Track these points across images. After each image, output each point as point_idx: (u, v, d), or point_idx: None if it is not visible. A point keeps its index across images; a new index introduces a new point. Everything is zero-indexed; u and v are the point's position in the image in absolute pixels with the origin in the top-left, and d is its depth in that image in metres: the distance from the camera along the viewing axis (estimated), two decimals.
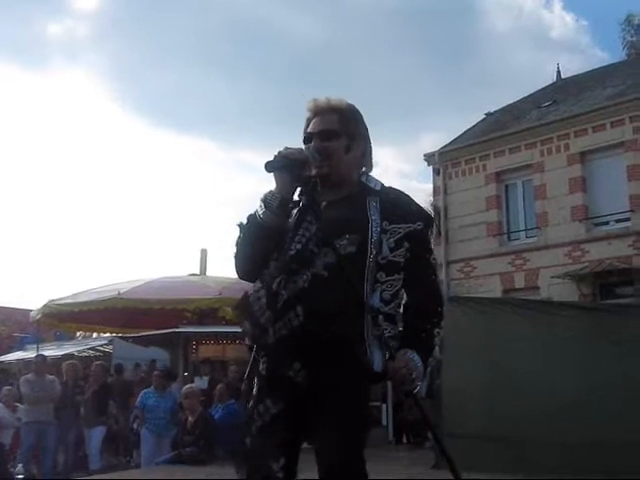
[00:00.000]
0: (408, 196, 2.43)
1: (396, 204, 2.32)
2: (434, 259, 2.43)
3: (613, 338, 6.22)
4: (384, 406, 10.72)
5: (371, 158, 2.46)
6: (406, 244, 2.28)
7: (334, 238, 2.20)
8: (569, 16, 65.78)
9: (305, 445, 2.24)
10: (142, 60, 56.37)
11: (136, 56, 56.76)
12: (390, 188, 2.42)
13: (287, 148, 2.23)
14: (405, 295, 2.36)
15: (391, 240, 2.25)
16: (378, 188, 2.38)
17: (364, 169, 2.44)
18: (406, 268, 2.28)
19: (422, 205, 2.49)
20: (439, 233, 17.29)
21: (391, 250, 2.24)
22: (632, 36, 29.93)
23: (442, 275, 16.04)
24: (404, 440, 10.67)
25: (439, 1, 56.06)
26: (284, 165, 2.20)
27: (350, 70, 57.79)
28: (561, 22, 55.88)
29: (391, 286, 2.23)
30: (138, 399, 9.32)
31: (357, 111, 2.46)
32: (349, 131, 2.38)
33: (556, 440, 4.68)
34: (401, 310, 2.30)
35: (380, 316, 2.18)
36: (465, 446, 6.22)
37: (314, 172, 2.30)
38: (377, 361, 2.18)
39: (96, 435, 9.53)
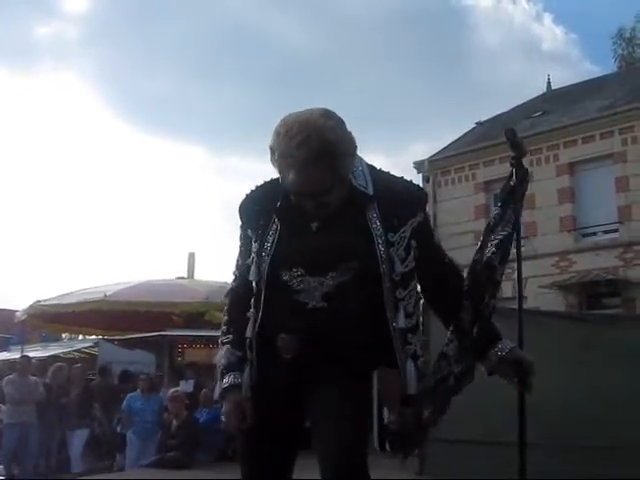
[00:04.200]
0: (399, 181, 2.20)
1: (395, 203, 2.08)
2: (437, 238, 2.29)
3: (599, 349, 6.24)
4: None
5: (356, 152, 2.11)
6: (413, 243, 2.09)
7: (329, 268, 2.04)
8: (559, 29, 66.33)
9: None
10: (132, 65, 56.23)
11: (126, 61, 56.59)
12: (381, 178, 2.15)
13: None
14: (435, 297, 2.25)
15: (400, 250, 2.06)
16: (371, 191, 2.09)
17: None
18: (419, 265, 2.12)
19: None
20: None
21: (403, 261, 2.06)
22: (623, 49, 30.22)
23: None
24: (387, 447, 10.63)
25: (430, 12, 56.27)
26: None
27: (340, 78, 57.94)
28: (551, 35, 56.27)
29: (411, 297, 2.10)
30: (124, 403, 9.25)
31: (340, 133, 2.00)
32: (343, 170, 2.02)
33: (541, 446, 4.71)
34: (419, 307, 2.17)
35: (409, 334, 2.07)
36: (453, 451, 6.24)
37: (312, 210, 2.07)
38: (413, 384, 2.07)
39: (78, 438, 9.46)
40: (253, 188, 2.25)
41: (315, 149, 1.92)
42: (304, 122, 1.96)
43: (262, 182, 2.24)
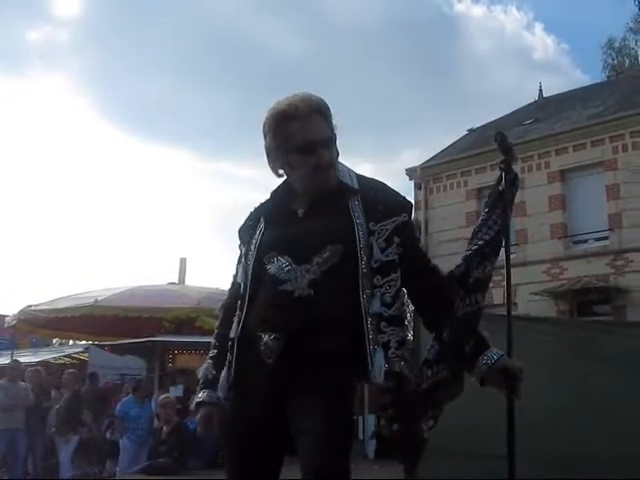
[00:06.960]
0: (384, 185, 2.30)
1: (378, 200, 2.18)
2: (421, 244, 2.38)
3: (589, 355, 6.25)
4: (361, 419, 10.66)
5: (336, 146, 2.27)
6: (396, 239, 2.15)
7: (314, 252, 2.08)
8: (550, 39, 66.64)
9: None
10: (122, 69, 56.00)
11: (115, 65, 56.37)
12: (366, 180, 2.28)
13: None
14: (417, 298, 2.26)
15: (381, 240, 2.12)
16: (355, 185, 2.22)
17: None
18: (403, 264, 2.16)
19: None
20: None
21: (382, 250, 2.11)
22: (613, 59, 30.46)
23: None
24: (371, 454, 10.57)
25: (422, 20, 56.43)
26: None
27: (331, 84, 57.87)
28: (542, 44, 56.63)
29: (390, 287, 2.10)
30: (117, 408, 9.19)
31: (325, 102, 2.24)
32: (334, 132, 2.22)
33: (529, 455, 4.73)
34: (406, 309, 2.17)
35: (383, 322, 2.06)
36: (443, 461, 6.23)
37: (317, 185, 2.20)
38: (378, 370, 2.02)
39: (68, 444, 9.40)
40: (252, 210, 2.35)
41: (316, 102, 2.19)
42: (292, 94, 2.21)
43: (258, 204, 2.34)
